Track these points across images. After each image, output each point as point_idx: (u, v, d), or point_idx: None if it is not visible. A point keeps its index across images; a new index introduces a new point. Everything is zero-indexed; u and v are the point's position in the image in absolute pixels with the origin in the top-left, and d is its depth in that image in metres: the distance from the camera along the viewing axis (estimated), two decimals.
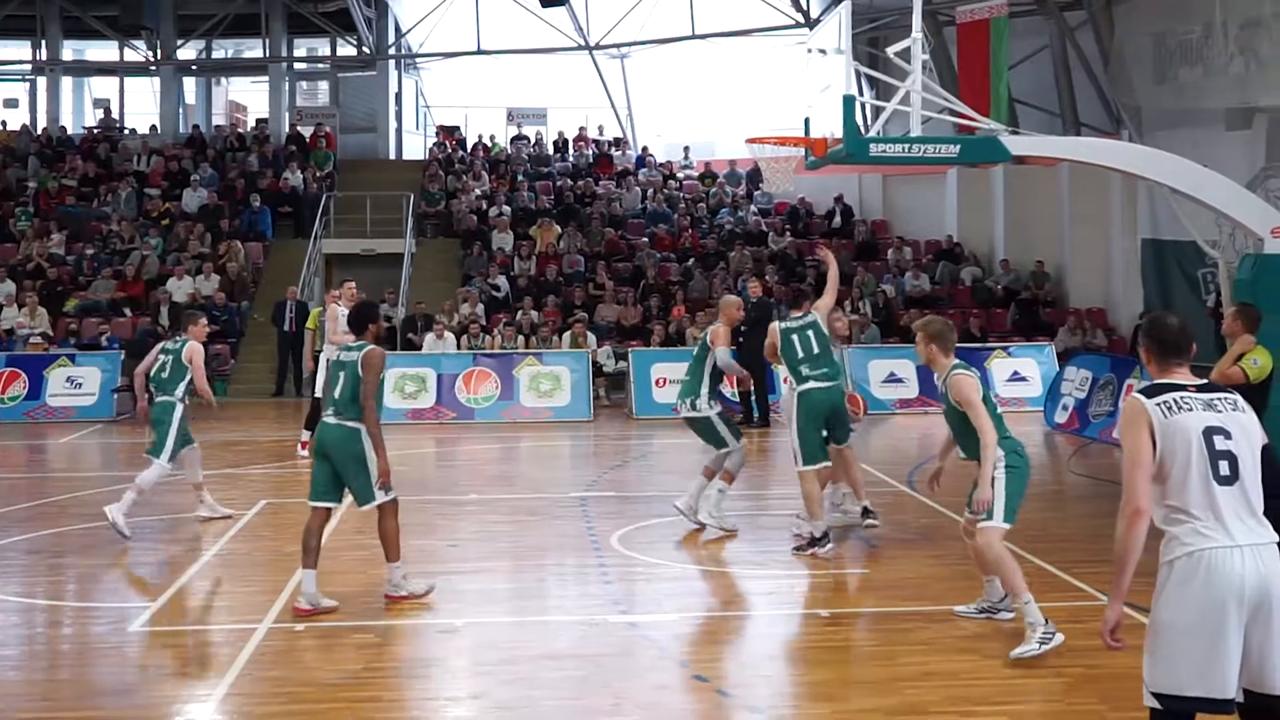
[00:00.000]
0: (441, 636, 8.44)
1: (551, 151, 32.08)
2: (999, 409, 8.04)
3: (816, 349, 10.57)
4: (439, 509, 13.02)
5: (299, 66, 35.40)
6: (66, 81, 34.82)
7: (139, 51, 33.59)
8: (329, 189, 29.00)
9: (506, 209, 28.43)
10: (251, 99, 35.79)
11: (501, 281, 25.54)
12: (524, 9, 30.48)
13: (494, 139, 32.80)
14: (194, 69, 34.69)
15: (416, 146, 34.51)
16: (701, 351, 11.33)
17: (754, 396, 19.11)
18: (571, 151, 32.04)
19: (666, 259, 26.92)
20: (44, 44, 33.47)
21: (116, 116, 33.81)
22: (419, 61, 34.46)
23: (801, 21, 28.49)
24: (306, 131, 31.87)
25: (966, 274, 26.70)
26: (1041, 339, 23.02)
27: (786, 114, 18.17)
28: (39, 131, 32.22)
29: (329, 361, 9.04)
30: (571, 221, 27.98)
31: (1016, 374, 21.54)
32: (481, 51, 32.64)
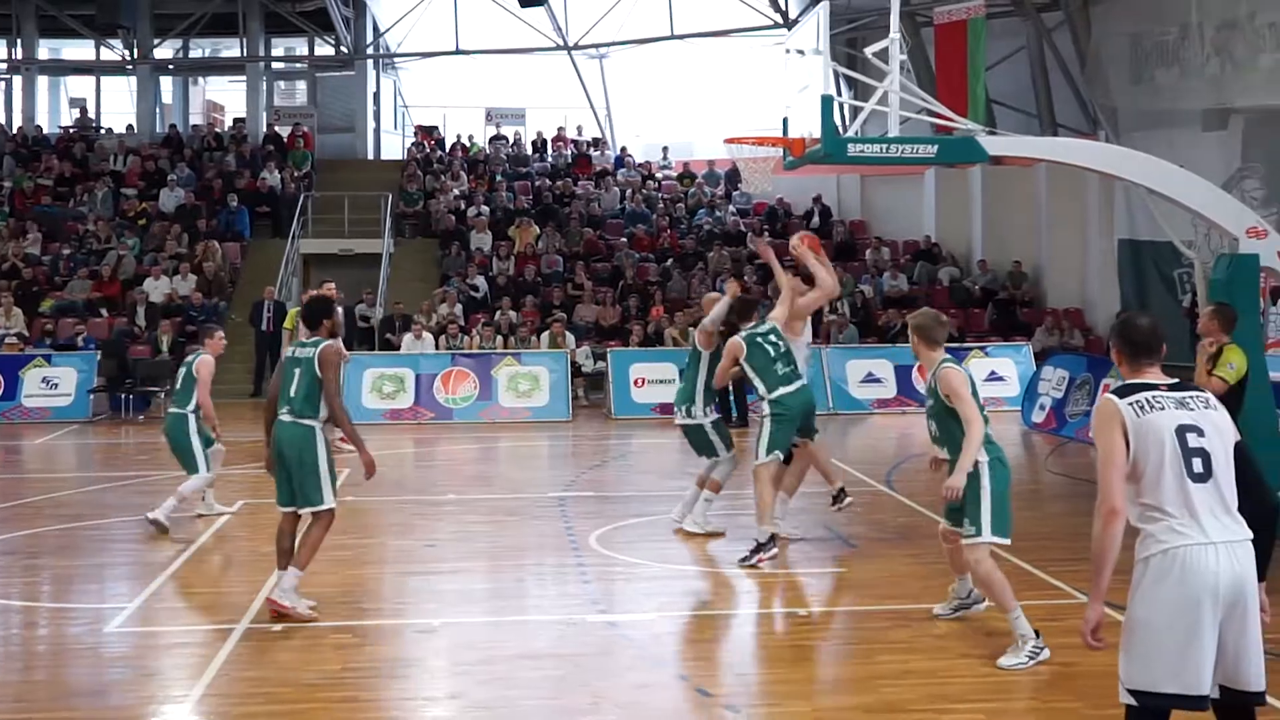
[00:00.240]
0: (419, 637, 8.42)
1: (530, 152, 32.04)
2: (986, 413, 7.80)
3: (784, 347, 10.40)
4: (417, 509, 13.00)
5: (277, 66, 35.29)
6: (42, 80, 34.63)
7: (115, 50, 33.41)
8: (307, 189, 28.90)
9: (485, 209, 28.38)
10: (229, 98, 35.67)
11: (480, 282, 25.51)
12: (502, 9, 30.45)
13: (472, 139, 32.75)
14: (171, 68, 34.53)
15: (395, 146, 34.42)
16: (694, 356, 11.24)
17: (733, 397, 19.10)
18: (550, 152, 32.02)
19: (645, 259, 26.92)
20: (19, 42, 33.30)
21: (93, 116, 33.60)
22: (397, 61, 34.39)
23: (780, 22, 28.54)
24: (284, 131, 31.75)
25: (944, 274, 26.78)
26: (1019, 339, 23.11)
27: (765, 114, 18.17)
28: (14, 131, 32.04)
29: (284, 358, 8.91)
30: (550, 222, 27.95)
31: (994, 374, 21.60)
32: (460, 51, 32.59)
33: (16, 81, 33.74)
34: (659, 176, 30.99)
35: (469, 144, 32.36)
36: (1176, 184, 11.63)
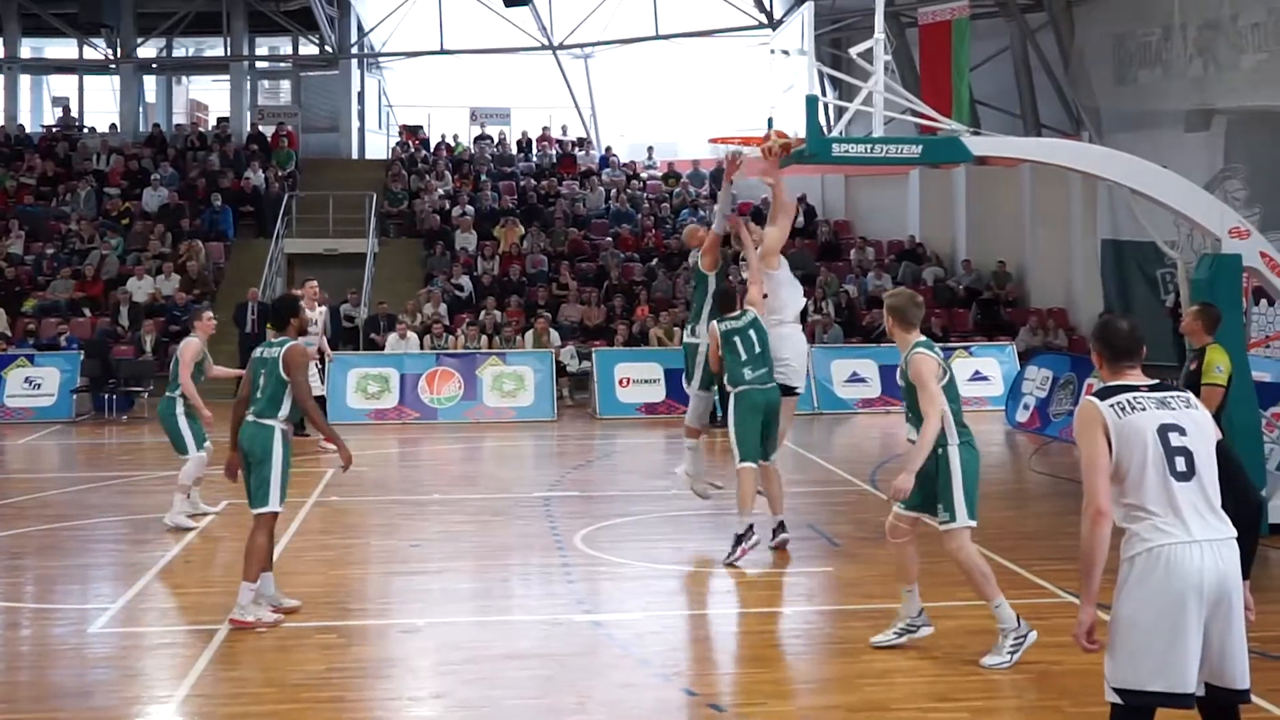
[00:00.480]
0: (404, 636, 8.41)
1: (515, 151, 32.00)
2: (961, 400, 7.74)
3: (758, 348, 10.39)
4: (402, 509, 12.99)
5: (261, 65, 35.18)
6: (25, 79, 34.46)
7: (98, 49, 33.29)
8: (291, 188, 28.83)
9: (470, 209, 28.35)
10: (212, 98, 35.55)
11: (465, 281, 25.48)
12: (487, 9, 30.41)
13: (457, 139, 32.69)
14: (154, 67, 34.40)
15: (379, 146, 34.36)
16: (699, 279, 11.22)
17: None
18: (535, 151, 31.99)
19: (630, 259, 26.92)
20: (1, 41, 33.10)
21: (76, 115, 33.47)
22: (382, 61, 34.33)
23: (764, 22, 28.57)
24: (268, 131, 31.68)
25: (928, 274, 26.83)
26: (1003, 339, 23.18)
27: (750, 114, 18.21)
28: None
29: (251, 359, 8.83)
30: (535, 221, 27.93)
31: (978, 373, 21.67)
32: (445, 51, 32.55)
33: None
34: (644, 176, 30.99)
35: (454, 144, 32.31)
36: (1159, 184, 11.67)
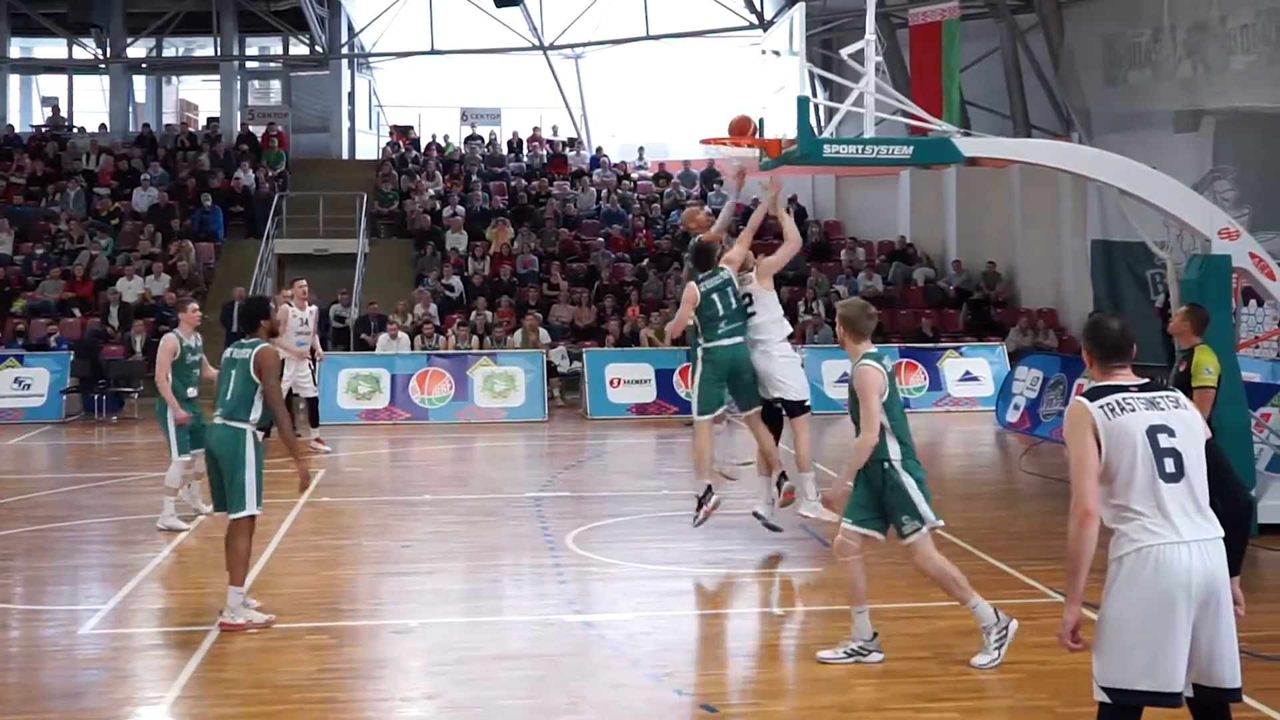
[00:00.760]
0: (396, 637, 8.41)
1: (506, 152, 31.99)
2: (906, 415, 7.65)
3: (735, 305, 10.59)
4: (393, 510, 12.98)
5: (251, 65, 35.14)
6: (14, 79, 34.39)
7: (88, 49, 33.24)
8: (281, 189, 28.80)
9: (460, 209, 28.33)
10: (202, 98, 35.47)
11: (455, 282, 25.46)
12: (478, 9, 30.42)
13: (448, 139, 32.67)
14: (144, 67, 34.33)
15: (370, 146, 34.32)
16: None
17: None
18: (526, 152, 31.98)
19: (621, 259, 26.92)
20: None
21: (65, 115, 33.41)
22: (372, 61, 34.31)
23: (755, 23, 28.60)
24: (258, 131, 31.63)
25: (919, 274, 26.87)
26: (993, 339, 23.20)
27: (741, 115, 18.18)
28: None
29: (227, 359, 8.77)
30: (526, 222, 27.92)
31: (968, 374, 21.70)
32: (435, 51, 32.53)
33: None
34: (634, 177, 30.98)
35: (444, 144, 32.29)
36: (1149, 185, 11.71)
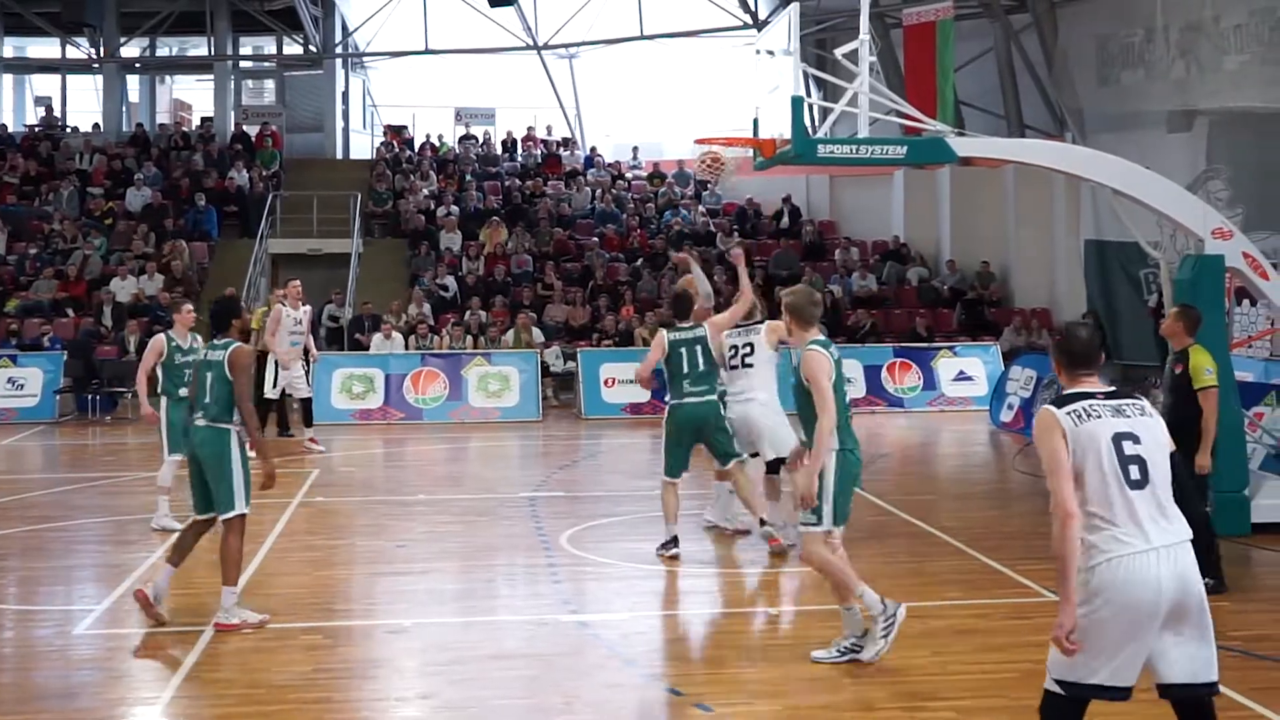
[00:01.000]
0: (390, 637, 8.41)
1: (500, 151, 31.97)
2: (849, 405, 7.66)
3: (702, 365, 10.27)
4: (387, 509, 12.97)
5: (245, 65, 35.12)
6: (7, 79, 34.35)
7: (81, 49, 33.19)
8: (275, 188, 28.77)
9: (454, 209, 28.32)
10: (196, 97, 35.46)
11: (449, 281, 25.45)
12: (472, 8, 30.39)
13: (442, 139, 32.64)
14: (138, 67, 34.30)
15: (364, 146, 34.28)
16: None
17: None
18: (520, 152, 31.96)
19: (615, 259, 26.93)
20: None
21: (58, 114, 33.36)
22: (366, 61, 34.27)
23: (750, 23, 28.62)
24: (252, 130, 31.60)
25: (913, 274, 26.89)
26: (987, 339, 23.23)
27: (735, 114, 18.22)
28: None
29: (196, 361, 8.76)
30: (520, 221, 27.91)
31: (962, 373, 21.73)
32: (429, 51, 32.51)
33: None
34: (629, 176, 30.98)
35: (438, 144, 32.27)
36: (1142, 185, 11.73)
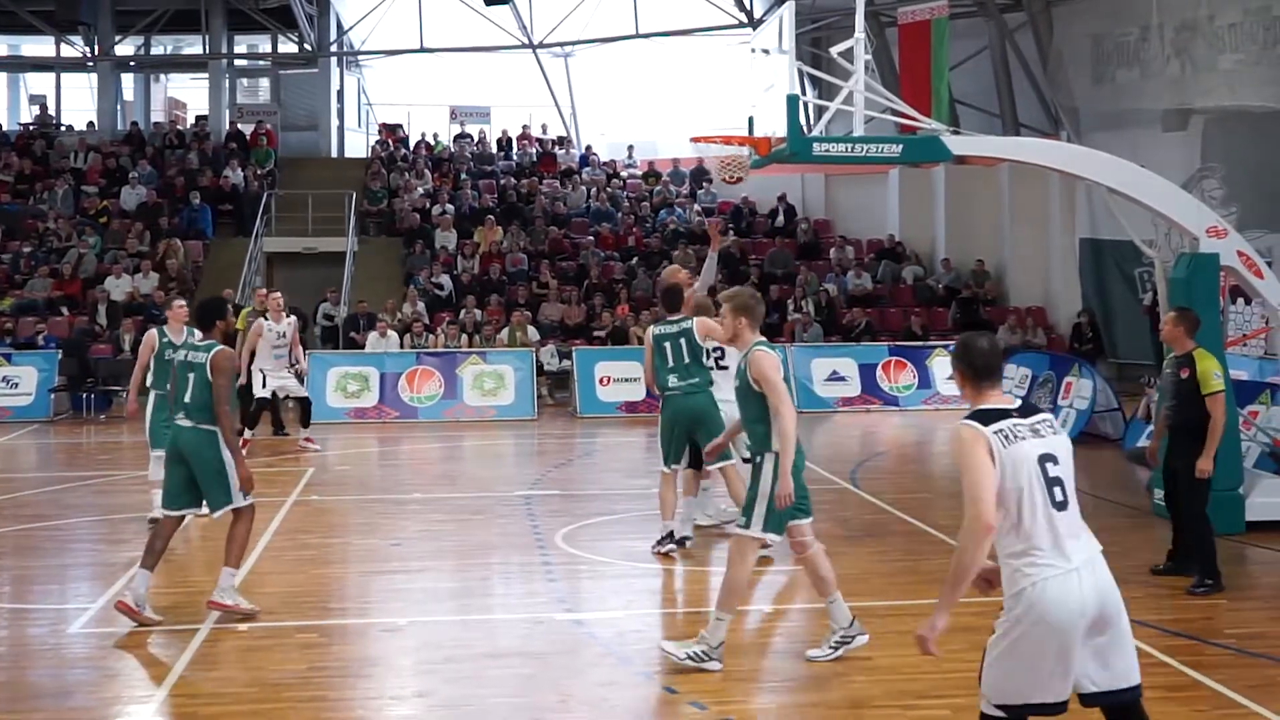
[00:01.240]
0: (386, 635, 8.40)
1: (495, 150, 31.95)
2: (794, 399, 7.58)
3: (687, 358, 10.17)
4: (382, 508, 12.97)
5: (239, 63, 35.07)
6: (1, 77, 34.35)
7: (76, 47, 33.11)
8: (270, 187, 28.75)
9: (450, 207, 28.31)
10: (191, 96, 35.40)
11: (445, 280, 25.44)
12: (467, 7, 30.38)
13: (437, 137, 32.62)
14: (132, 65, 34.25)
15: (359, 144, 34.27)
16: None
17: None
18: (515, 150, 31.96)
19: (610, 258, 26.92)
20: None
21: (53, 113, 33.32)
22: (361, 59, 34.24)
23: (745, 21, 28.60)
24: (247, 129, 31.57)
25: (908, 273, 26.91)
26: None
27: (730, 113, 18.23)
28: None
29: (177, 361, 8.75)
30: (515, 220, 27.89)
31: None
32: (424, 49, 32.48)
33: None
34: (624, 175, 30.99)
35: (434, 142, 32.24)
36: (1137, 184, 11.74)
